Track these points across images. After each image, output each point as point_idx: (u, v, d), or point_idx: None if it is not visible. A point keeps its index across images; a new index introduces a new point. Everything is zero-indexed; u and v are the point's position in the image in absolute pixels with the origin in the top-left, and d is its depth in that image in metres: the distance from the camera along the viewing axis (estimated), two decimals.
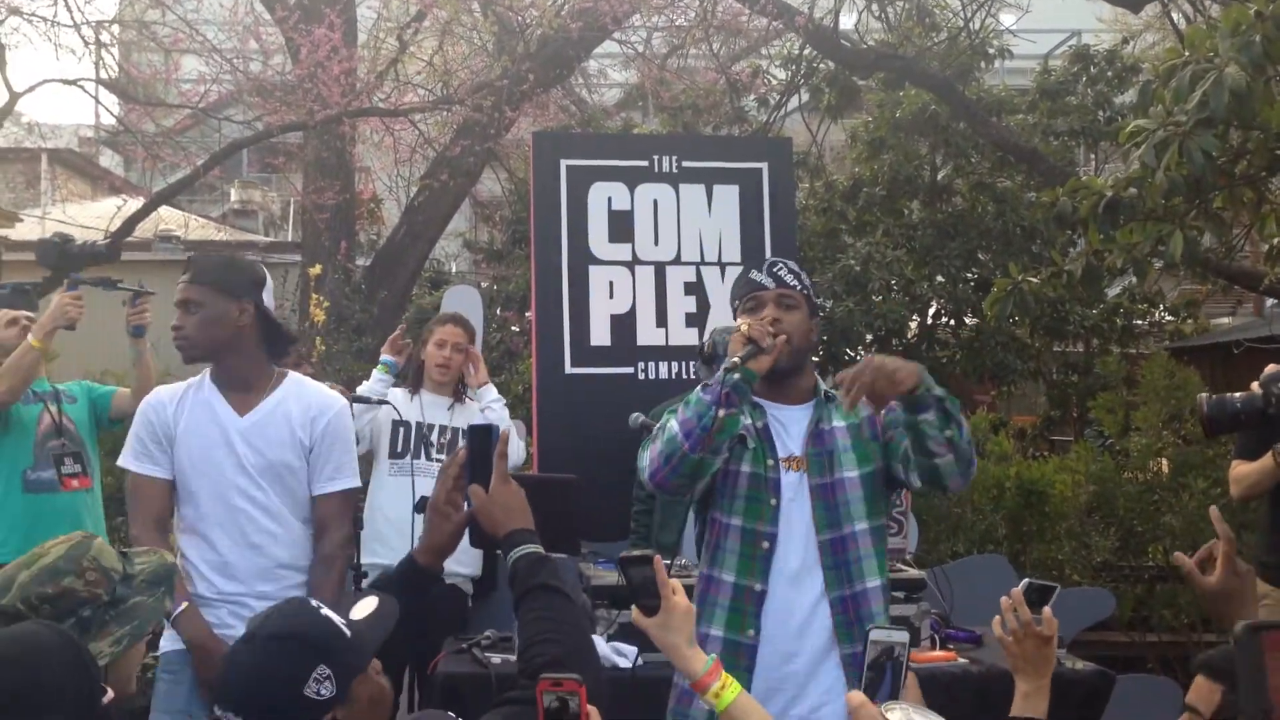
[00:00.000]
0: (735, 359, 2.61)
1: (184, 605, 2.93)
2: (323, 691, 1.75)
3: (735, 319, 2.84)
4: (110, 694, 1.87)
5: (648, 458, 2.71)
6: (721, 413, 2.59)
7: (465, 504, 2.13)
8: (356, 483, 3.18)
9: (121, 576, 2.05)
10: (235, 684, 1.78)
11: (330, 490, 3.09)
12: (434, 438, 4.67)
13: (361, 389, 4.70)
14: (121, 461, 3.08)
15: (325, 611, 1.85)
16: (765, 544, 2.69)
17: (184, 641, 2.95)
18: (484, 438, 2.12)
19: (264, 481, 3.02)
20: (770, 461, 2.74)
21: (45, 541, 2.08)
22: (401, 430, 4.65)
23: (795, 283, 2.83)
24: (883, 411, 2.75)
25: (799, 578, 2.68)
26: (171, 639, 3.03)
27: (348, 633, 1.83)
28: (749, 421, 2.75)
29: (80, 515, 4.16)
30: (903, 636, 1.93)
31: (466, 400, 4.82)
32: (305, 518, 3.10)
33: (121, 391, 4.40)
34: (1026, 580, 2.18)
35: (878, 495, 2.78)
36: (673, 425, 2.64)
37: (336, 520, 3.10)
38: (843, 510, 2.71)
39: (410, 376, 4.85)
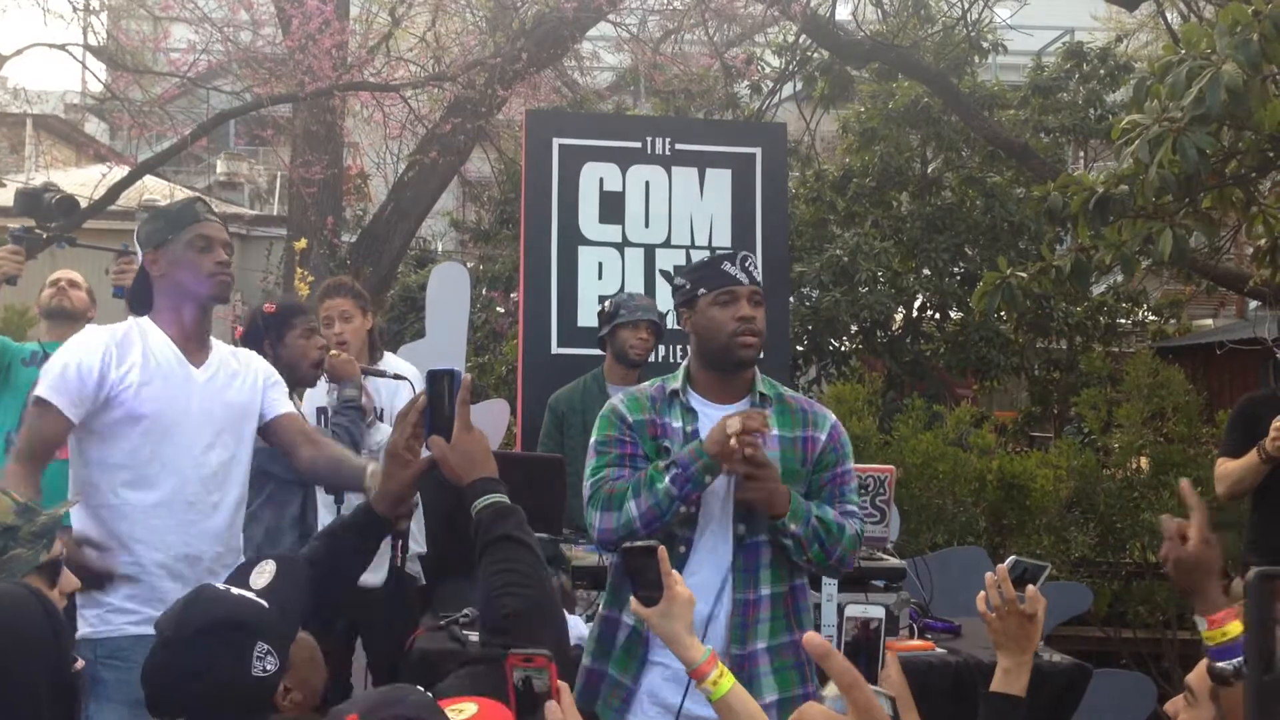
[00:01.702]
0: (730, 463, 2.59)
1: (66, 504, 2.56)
2: (268, 667, 1.76)
3: (696, 304, 2.78)
4: (80, 662, 1.85)
5: (598, 523, 2.70)
6: (684, 509, 2.64)
7: (424, 451, 2.06)
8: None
9: (4, 529, 1.97)
10: (177, 688, 1.73)
11: (286, 410, 3.06)
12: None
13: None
14: (41, 391, 2.78)
15: (236, 591, 1.83)
16: (681, 548, 2.70)
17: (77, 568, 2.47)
18: (444, 383, 2.02)
19: (226, 435, 2.93)
20: None
21: None
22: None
23: (760, 280, 2.82)
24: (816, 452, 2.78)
25: (705, 584, 2.67)
26: (110, 624, 2.79)
27: (266, 605, 1.81)
28: (679, 425, 2.75)
29: (55, 483, 4.04)
30: (878, 612, 1.90)
31: (378, 362, 4.44)
32: (244, 482, 3.00)
33: None
34: (1014, 558, 2.19)
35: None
36: (631, 510, 2.64)
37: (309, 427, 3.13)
38: (760, 519, 2.70)
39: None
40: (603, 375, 4.56)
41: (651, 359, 5.12)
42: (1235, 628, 1.87)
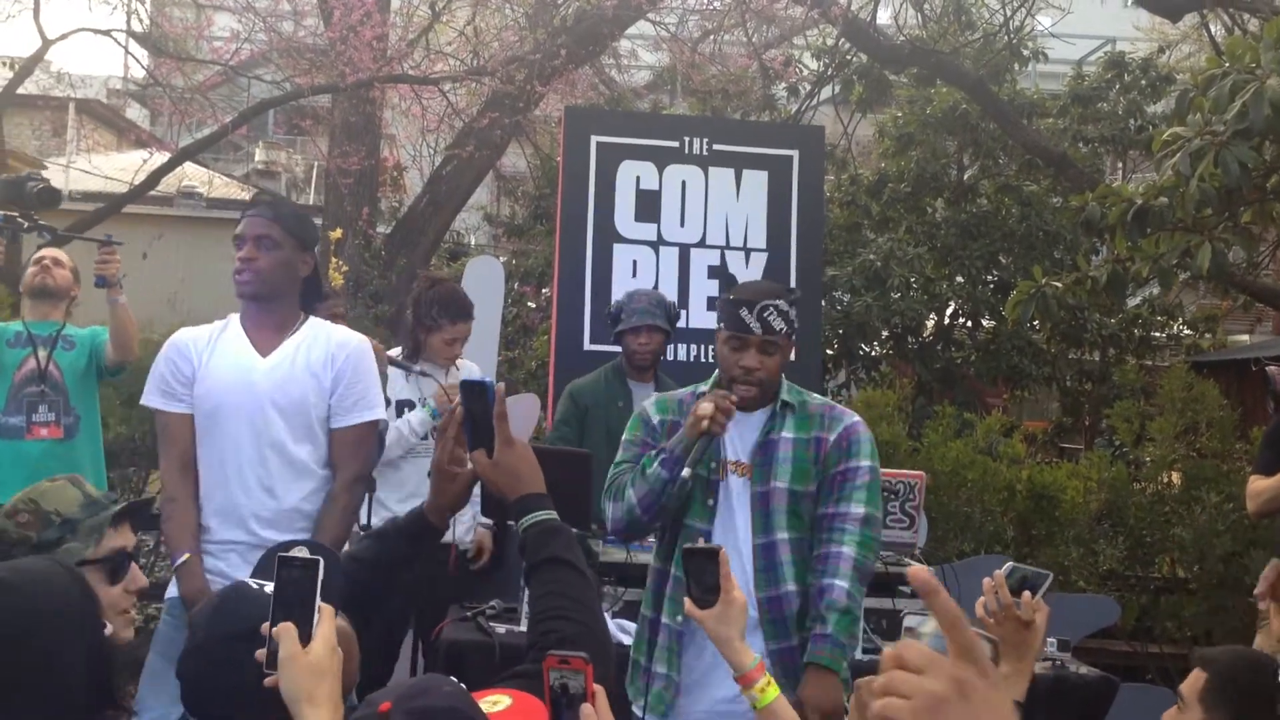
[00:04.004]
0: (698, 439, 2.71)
1: (185, 556, 2.90)
2: None
3: (718, 334, 2.89)
4: (109, 627, 1.86)
5: (610, 515, 2.89)
6: (675, 488, 2.74)
7: (469, 461, 2.03)
8: (378, 414, 3.13)
9: (63, 520, 2.00)
10: (204, 691, 1.71)
11: (346, 424, 3.05)
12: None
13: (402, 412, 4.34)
14: (146, 400, 3.05)
15: (269, 589, 1.78)
16: (700, 540, 2.76)
17: (179, 594, 2.91)
18: (479, 396, 1.96)
19: (285, 422, 2.99)
20: (713, 464, 2.85)
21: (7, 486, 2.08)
22: (405, 411, 4.36)
23: (782, 326, 2.81)
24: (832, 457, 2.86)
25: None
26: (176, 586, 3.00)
27: None
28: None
29: (45, 464, 3.97)
30: (934, 624, 1.93)
31: (459, 365, 4.45)
32: (326, 462, 3.07)
33: (106, 341, 4.23)
34: (1010, 564, 2.21)
35: (803, 511, 2.84)
36: (631, 498, 2.82)
37: (349, 456, 3.06)
38: (774, 518, 2.82)
39: (410, 353, 4.44)
40: (623, 365, 4.49)
41: (685, 358, 5.14)
42: None
